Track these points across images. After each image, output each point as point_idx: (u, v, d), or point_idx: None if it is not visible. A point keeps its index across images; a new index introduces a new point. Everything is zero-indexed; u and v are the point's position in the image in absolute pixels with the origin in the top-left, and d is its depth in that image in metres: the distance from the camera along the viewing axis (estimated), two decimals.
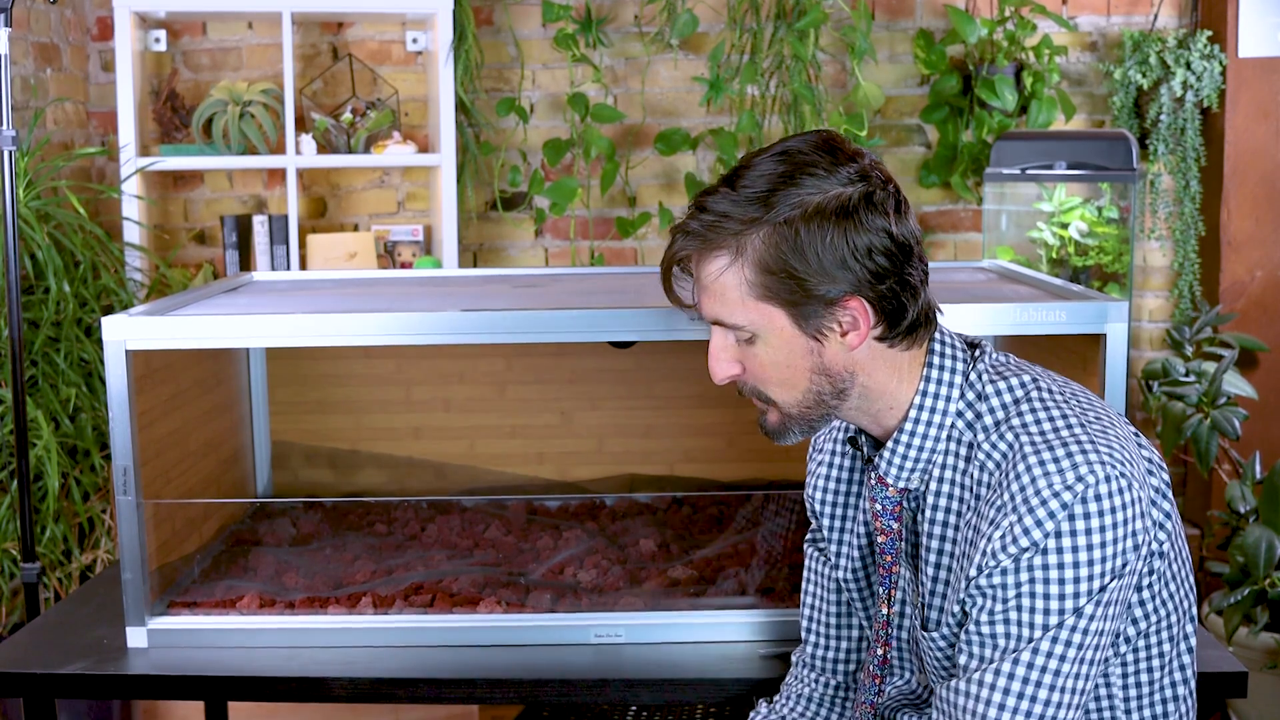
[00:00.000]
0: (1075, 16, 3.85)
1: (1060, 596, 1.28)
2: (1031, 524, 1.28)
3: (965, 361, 1.41)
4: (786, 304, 1.35)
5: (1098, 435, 1.32)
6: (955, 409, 1.40)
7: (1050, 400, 1.37)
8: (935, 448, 1.40)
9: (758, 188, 1.34)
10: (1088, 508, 1.28)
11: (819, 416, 1.42)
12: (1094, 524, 1.28)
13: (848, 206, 1.32)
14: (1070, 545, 1.28)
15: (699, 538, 2.12)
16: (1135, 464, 1.33)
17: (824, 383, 1.39)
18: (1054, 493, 1.28)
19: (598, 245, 3.89)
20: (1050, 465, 1.29)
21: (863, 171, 1.35)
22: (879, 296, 1.34)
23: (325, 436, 2.47)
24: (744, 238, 1.34)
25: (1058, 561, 1.28)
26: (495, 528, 2.18)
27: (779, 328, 1.36)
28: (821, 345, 1.37)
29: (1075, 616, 1.28)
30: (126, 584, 1.84)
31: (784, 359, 1.38)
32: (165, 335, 1.83)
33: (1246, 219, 3.74)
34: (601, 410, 2.45)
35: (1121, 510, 1.29)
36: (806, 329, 1.36)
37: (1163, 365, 3.50)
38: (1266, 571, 2.95)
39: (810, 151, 1.35)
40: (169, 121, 3.65)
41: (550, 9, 3.64)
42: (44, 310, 3.05)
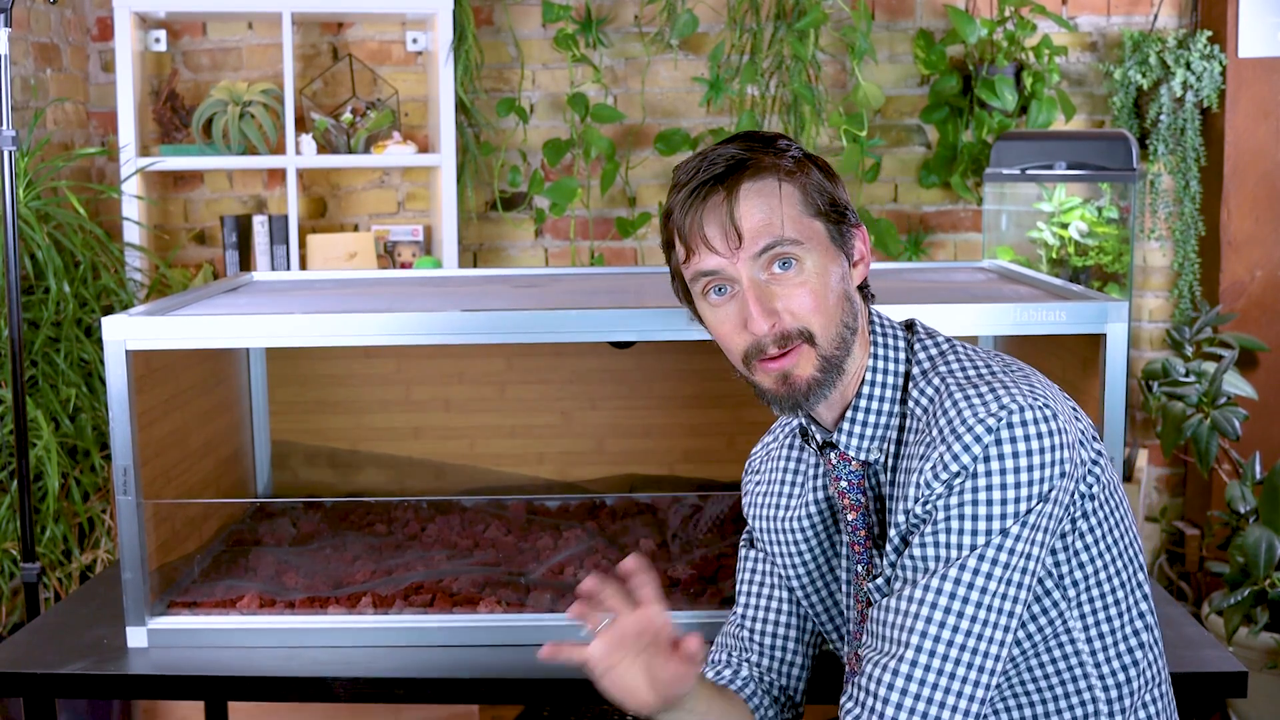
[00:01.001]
0: (1075, 16, 3.85)
1: (987, 517, 1.33)
2: (960, 449, 1.33)
3: (903, 334, 1.49)
4: (827, 220, 1.44)
5: (1020, 379, 1.39)
6: (903, 369, 1.46)
7: (974, 352, 1.45)
8: (892, 412, 1.46)
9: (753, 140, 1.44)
10: (1013, 432, 1.33)
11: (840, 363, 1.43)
12: (1020, 447, 1.33)
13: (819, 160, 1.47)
14: (999, 469, 1.33)
15: (699, 538, 2.12)
16: (1059, 403, 1.38)
17: (849, 313, 1.44)
18: (978, 419, 1.34)
19: (598, 245, 3.89)
20: (975, 399, 1.36)
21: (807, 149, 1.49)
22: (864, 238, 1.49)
23: (325, 436, 2.46)
24: (781, 160, 1.43)
25: (985, 484, 1.33)
26: (495, 528, 2.18)
27: (824, 244, 1.43)
28: (848, 268, 1.46)
29: (1001, 536, 1.32)
30: (126, 584, 1.84)
31: (827, 279, 1.42)
32: (165, 335, 1.83)
33: (1246, 219, 3.74)
34: (601, 410, 2.45)
35: (1047, 437, 1.34)
36: (841, 247, 1.45)
37: (1163, 365, 3.50)
38: (1266, 571, 2.95)
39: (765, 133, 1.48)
40: (169, 121, 3.65)
41: (550, 9, 3.64)
42: (44, 310, 3.05)
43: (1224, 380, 3.39)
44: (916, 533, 1.37)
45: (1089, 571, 1.42)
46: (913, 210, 3.92)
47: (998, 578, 1.32)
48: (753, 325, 1.41)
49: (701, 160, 1.42)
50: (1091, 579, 1.42)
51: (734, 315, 1.43)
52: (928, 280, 2.23)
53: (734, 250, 1.40)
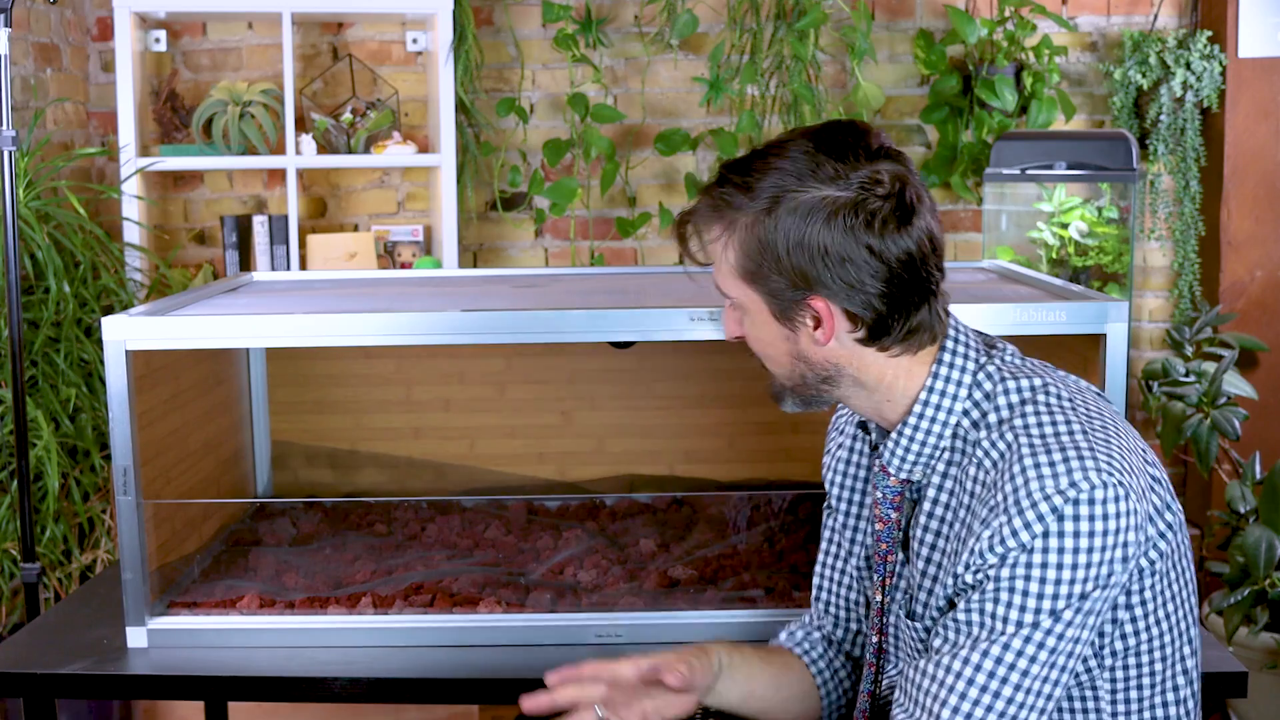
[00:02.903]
0: (1075, 16, 3.85)
1: (1039, 596, 1.27)
2: (1020, 525, 1.28)
3: (977, 360, 1.41)
4: (761, 289, 1.38)
5: (1099, 443, 1.31)
6: (961, 407, 1.40)
7: (1056, 405, 1.36)
8: (938, 444, 1.41)
9: (761, 172, 1.36)
10: (1079, 511, 1.27)
11: (812, 395, 1.45)
12: (1084, 528, 1.27)
13: (828, 212, 1.33)
14: (1057, 547, 1.27)
15: (699, 538, 2.12)
16: (1136, 476, 1.32)
17: (805, 369, 1.42)
18: (1045, 495, 1.27)
19: (598, 245, 3.89)
20: (1045, 469, 1.28)
21: (868, 179, 1.34)
22: (851, 303, 1.36)
23: (325, 436, 2.46)
24: (737, 217, 1.37)
25: (1042, 561, 1.27)
26: (495, 528, 2.18)
27: (758, 309, 1.40)
28: (795, 335, 1.40)
29: (1052, 619, 1.28)
30: (126, 584, 1.84)
31: (766, 338, 1.42)
32: (165, 335, 1.83)
33: (1246, 219, 3.74)
34: (601, 410, 2.45)
35: (1114, 519, 1.27)
36: (780, 317, 1.39)
37: (1163, 365, 3.50)
38: (1266, 571, 2.95)
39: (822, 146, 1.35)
40: (169, 122, 3.65)
41: (550, 9, 3.64)
42: (44, 310, 3.05)
43: (1224, 380, 3.39)
44: (964, 597, 1.32)
45: (1130, 644, 1.38)
46: None
47: (1042, 661, 1.28)
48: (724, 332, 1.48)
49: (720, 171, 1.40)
50: (1131, 650, 1.39)
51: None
52: None
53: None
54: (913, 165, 1.39)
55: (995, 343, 1.46)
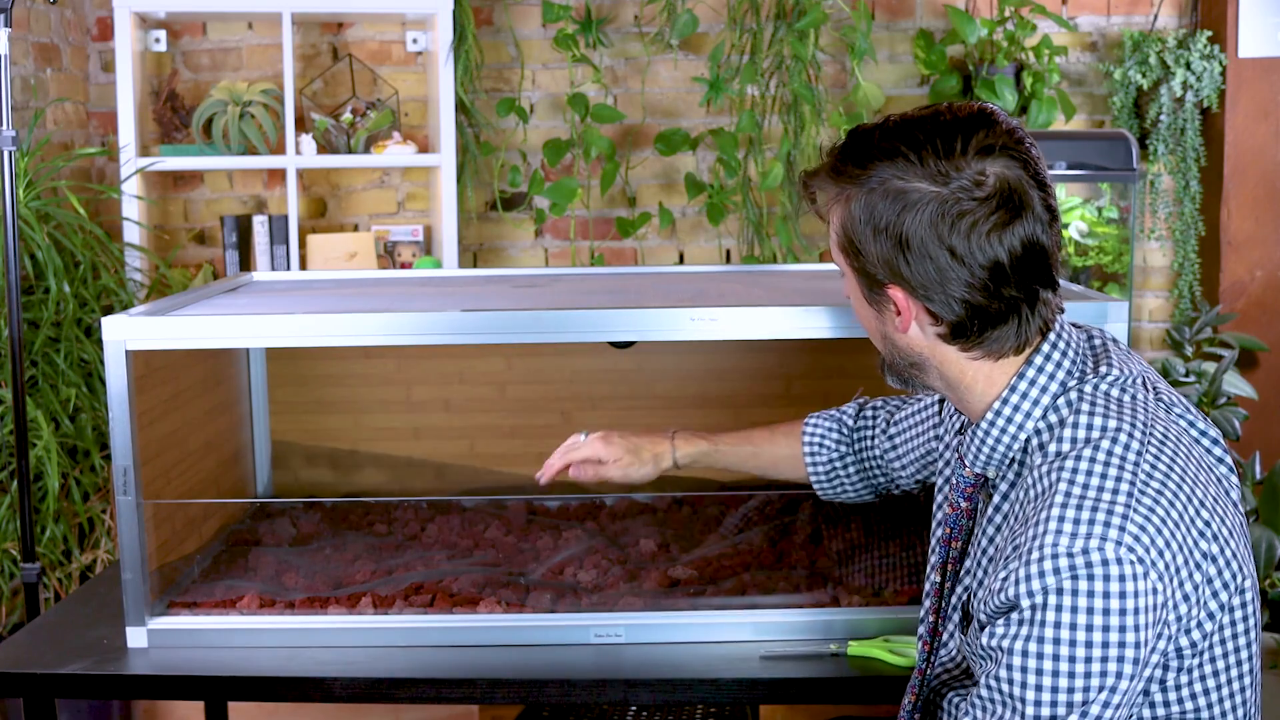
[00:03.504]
0: (1075, 17, 3.85)
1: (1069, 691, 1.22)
2: (1027, 576, 1.23)
3: (1064, 382, 1.36)
4: (854, 265, 1.39)
5: (1138, 509, 1.23)
6: (1034, 425, 1.36)
7: (1116, 455, 1.27)
8: (1008, 452, 1.38)
9: (877, 149, 1.33)
10: (1091, 573, 1.20)
11: (905, 376, 1.45)
12: (1081, 604, 1.20)
13: (917, 206, 1.31)
14: (1054, 621, 1.21)
15: (699, 538, 2.12)
16: (1175, 553, 1.24)
17: (893, 351, 1.43)
18: (1054, 553, 1.22)
19: (598, 245, 3.89)
20: (1069, 524, 1.23)
21: (971, 180, 1.30)
22: (930, 301, 1.34)
23: (325, 436, 2.46)
24: (845, 190, 1.36)
25: (1055, 636, 1.21)
26: (495, 528, 2.18)
27: (851, 283, 1.43)
28: (881, 318, 1.41)
29: (1081, 715, 1.22)
30: (126, 584, 1.84)
31: (860, 312, 1.45)
32: (165, 335, 1.83)
33: (1246, 219, 3.74)
34: (601, 410, 2.45)
35: (1123, 598, 1.20)
36: (867, 297, 1.41)
37: (1163, 365, 3.50)
38: (1266, 571, 2.94)
39: (939, 134, 1.32)
40: (169, 122, 3.65)
41: (550, 9, 3.64)
42: (44, 310, 3.05)
43: (1224, 380, 3.39)
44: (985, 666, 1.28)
45: (1160, 714, 1.32)
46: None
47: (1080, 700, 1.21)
48: None
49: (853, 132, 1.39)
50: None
51: None
52: None
53: None
54: (1042, 170, 1.33)
55: (1109, 360, 1.39)
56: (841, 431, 1.85)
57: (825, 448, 1.85)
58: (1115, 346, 1.42)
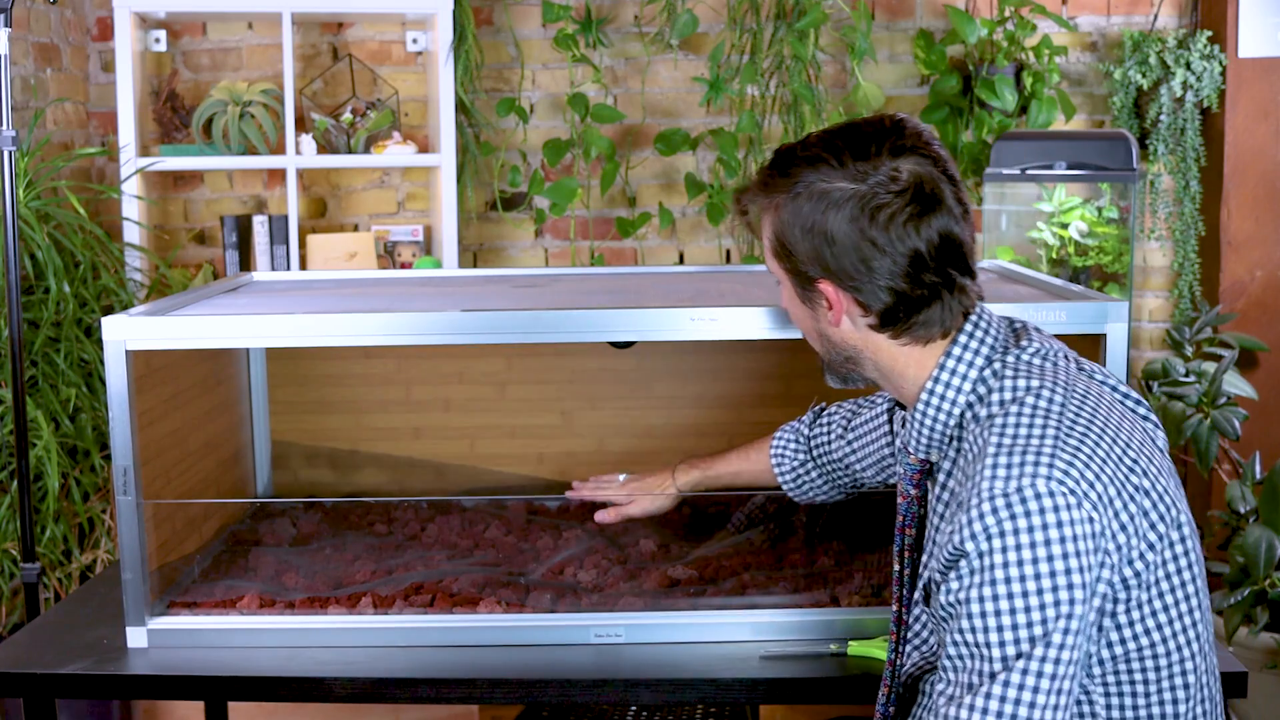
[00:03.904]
0: (1075, 16, 3.85)
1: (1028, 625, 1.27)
2: (970, 519, 1.31)
3: (988, 357, 1.45)
4: (787, 267, 1.49)
5: (1065, 449, 1.32)
6: (965, 400, 1.44)
7: (1041, 407, 1.37)
8: (944, 431, 1.46)
9: (799, 159, 1.45)
10: (1027, 509, 1.28)
11: (843, 373, 1.54)
12: (1023, 540, 1.28)
13: (838, 203, 1.41)
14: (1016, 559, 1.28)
15: (699, 538, 2.12)
16: (1106, 485, 1.32)
17: (829, 348, 1.52)
18: (991, 495, 1.30)
19: (598, 245, 3.89)
20: (1001, 469, 1.31)
21: (886, 176, 1.40)
22: (859, 292, 1.44)
23: (325, 436, 2.46)
24: (772, 199, 1.47)
25: (1005, 575, 1.28)
26: (495, 528, 2.18)
27: (786, 286, 1.52)
28: (815, 314, 1.50)
29: (1045, 646, 1.27)
30: (126, 584, 1.84)
31: (795, 313, 1.55)
32: (165, 335, 1.83)
33: (1246, 219, 3.74)
34: (601, 410, 2.45)
35: (1060, 527, 1.28)
36: (800, 296, 1.50)
37: (1163, 365, 3.50)
38: (1266, 571, 2.94)
39: (854, 139, 1.43)
40: (169, 122, 3.65)
41: (550, 9, 3.64)
42: (44, 310, 3.05)
43: (1224, 380, 3.39)
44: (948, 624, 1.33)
45: (1118, 653, 1.37)
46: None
47: (1045, 690, 1.27)
48: None
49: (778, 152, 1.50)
50: (1121, 659, 1.38)
51: None
52: None
53: None
54: (951, 168, 1.44)
55: (1029, 337, 1.48)
56: (799, 441, 1.97)
57: (787, 457, 1.97)
58: (1034, 329, 1.51)
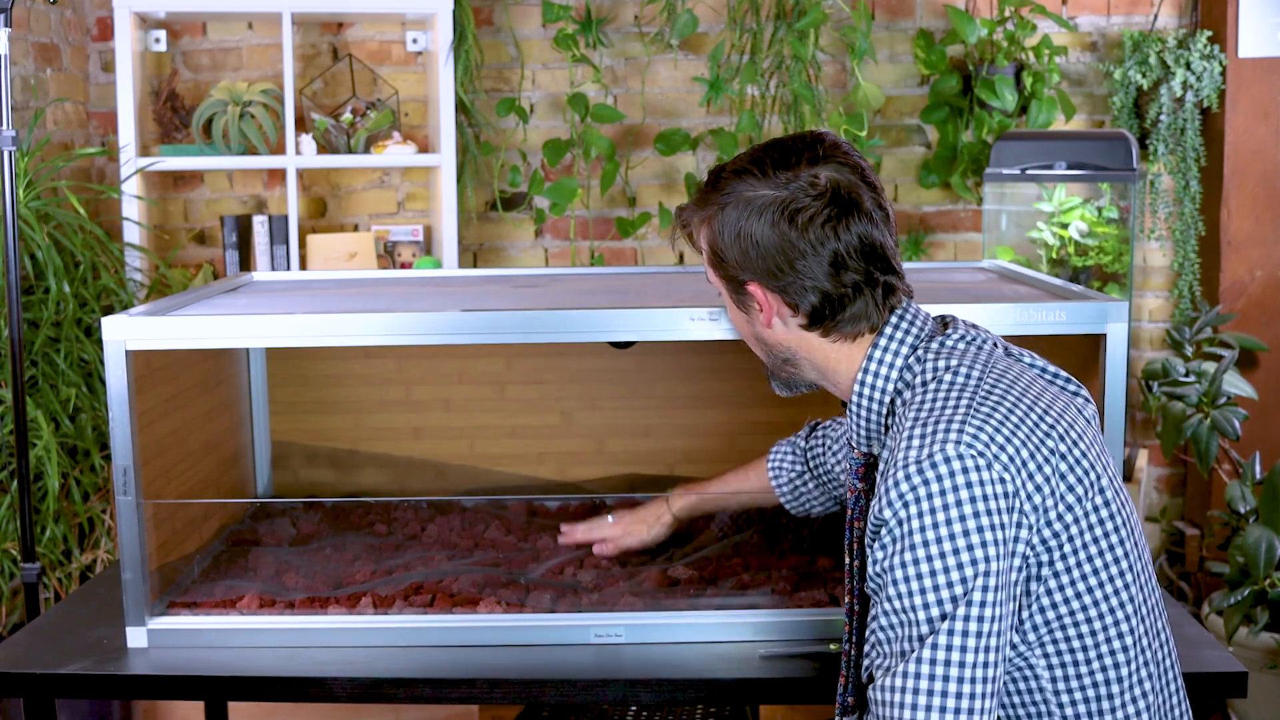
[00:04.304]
0: (1075, 17, 3.85)
1: (949, 584, 1.32)
2: (886, 489, 1.35)
3: (913, 346, 1.51)
4: (721, 275, 1.56)
5: (974, 417, 1.37)
6: (894, 386, 1.50)
7: (957, 384, 1.42)
8: (879, 419, 1.52)
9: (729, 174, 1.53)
10: (937, 475, 1.33)
11: (784, 376, 1.61)
12: (938, 502, 1.32)
13: (761, 209, 1.48)
14: (931, 523, 1.32)
15: (699, 538, 2.12)
16: (1019, 448, 1.36)
17: (767, 350, 1.59)
18: (904, 464, 1.35)
19: (598, 245, 3.89)
20: (916, 440, 1.36)
21: (808, 182, 1.47)
22: (784, 292, 1.50)
23: (325, 436, 2.47)
24: (706, 212, 1.55)
25: (923, 540, 1.32)
26: (495, 528, 2.18)
27: (724, 294, 1.59)
28: (750, 319, 1.57)
29: (967, 605, 1.31)
30: (126, 584, 1.84)
31: (734, 320, 1.62)
32: (165, 335, 1.83)
33: (1246, 219, 3.74)
34: (601, 410, 2.45)
35: (970, 488, 1.32)
36: (735, 302, 1.57)
37: (1163, 365, 3.50)
38: (1266, 571, 2.95)
39: (775, 151, 1.51)
40: (169, 122, 3.65)
41: (550, 9, 3.64)
42: (44, 310, 3.05)
43: (1224, 380, 3.39)
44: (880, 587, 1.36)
45: (1050, 617, 1.40)
46: (913, 210, 3.92)
47: (973, 648, 1.31)
48: None
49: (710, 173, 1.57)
50: (1055, 624, 1.40)
51: None
52: (928, 281, 2.23)
53: None
54: (870, 175, 1.51)
55: (952, 326, 1.53)
56: (795, 453, 2.00)
57: (784, 469, 2.01)
58: (964, 322, 1.55)
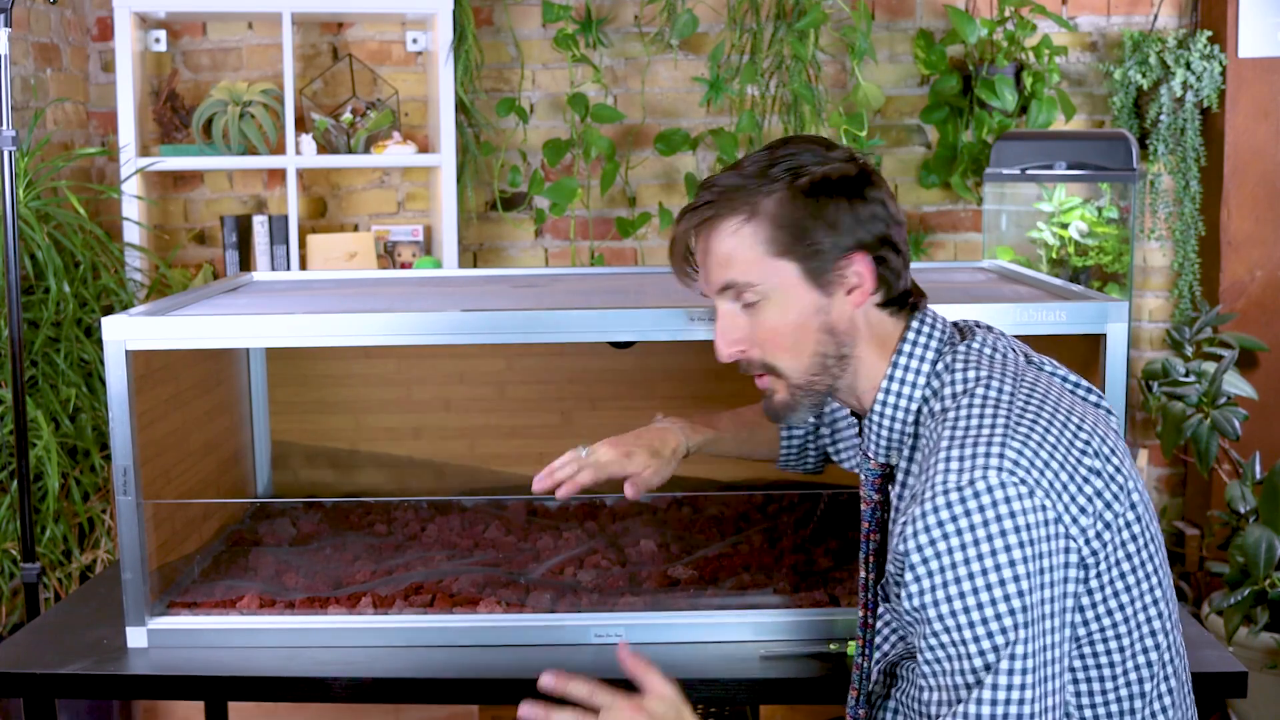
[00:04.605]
0: (1075, 16, 3.85)
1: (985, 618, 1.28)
2: (930, 517, 1.30)
3: (938, 350, 1.46)
4: (800, 258, 1.42)
5: (1014, 439, 1.32)
6: (920, 394, 1.45)
7: (991, 398, 1.38)
8: (904, 429, 1.46)
9: (763, 162, 1.44)
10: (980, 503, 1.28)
11: (823, 387, 1.47)
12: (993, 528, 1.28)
13: (851, 176, 1.42)
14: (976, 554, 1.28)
15: (699, 538, 2.12)
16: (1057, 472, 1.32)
17: (829, 344, 1.45)
18: (944, 489, 1.30)
19: (598, 245, 3.89)
20: (954, 463, 1.31)
21: (854, 156, 1.46)
22: (879, 259, 1.43)
23: (325, 436, 2.47)
24: (757, 199, 1.42)
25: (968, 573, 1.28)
26: (495, 528, 2.18)
27: (791, 284, 1.43)
28: (829, 301, 1.44)
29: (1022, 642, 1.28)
30: (126, 584, 1.84)
31: (793, 318, 1.44)
32: (165, 335, 1.83)
33: (1246, 219, 3.74)
34: (601, 410, 2.45)
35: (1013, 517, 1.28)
36: (818, 283, 1.43)
37: (1163, 365, 3.50)
38: (1266, 571, 2.95)
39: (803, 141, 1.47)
40: (169, 122, 3.65)
41: (550, 9, 3.64)
42: (44, 310, 3.05)
43: (1224, 380, 3.39)
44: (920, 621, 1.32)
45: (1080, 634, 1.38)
46: (913, 210, 3.92)
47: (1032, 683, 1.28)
48: (716, 353, 1.48)
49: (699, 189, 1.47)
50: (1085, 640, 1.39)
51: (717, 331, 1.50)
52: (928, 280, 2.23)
53: (705, 281, 1.48)
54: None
55: (973, 330, 1.50)
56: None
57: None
58: (981, 325, 1.53)
